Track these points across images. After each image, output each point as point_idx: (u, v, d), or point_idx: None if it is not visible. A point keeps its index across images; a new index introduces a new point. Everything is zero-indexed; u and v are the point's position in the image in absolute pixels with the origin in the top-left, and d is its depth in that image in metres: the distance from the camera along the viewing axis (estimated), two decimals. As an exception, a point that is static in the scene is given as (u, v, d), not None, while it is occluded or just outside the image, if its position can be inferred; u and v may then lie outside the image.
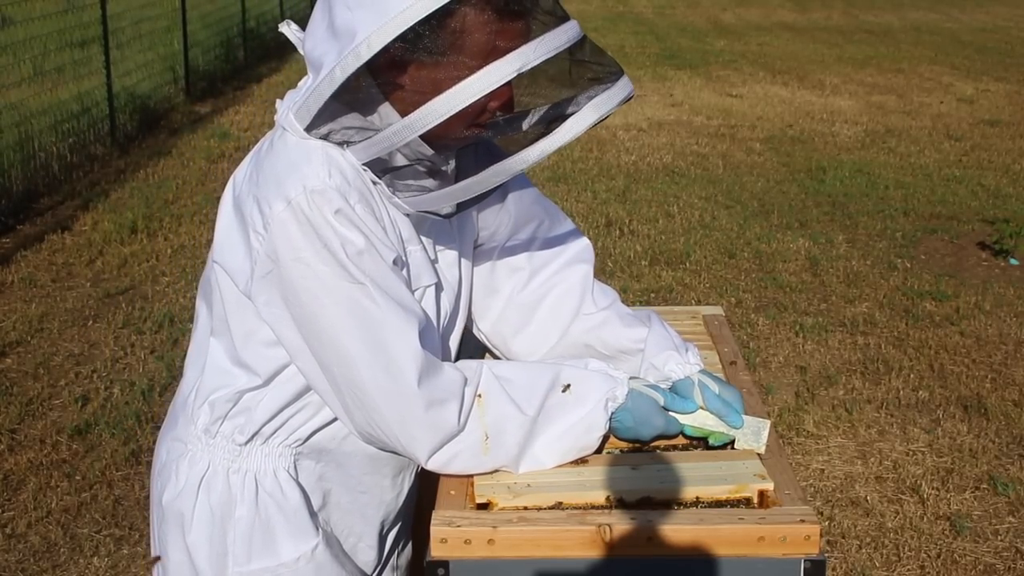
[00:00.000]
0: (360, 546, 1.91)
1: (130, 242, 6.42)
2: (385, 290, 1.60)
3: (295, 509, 1.79)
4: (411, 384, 1.60)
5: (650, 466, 1.71)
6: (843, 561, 3.55)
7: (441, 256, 1.81)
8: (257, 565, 1.79)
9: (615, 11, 18.99)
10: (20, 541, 3.60)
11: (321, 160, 1.59)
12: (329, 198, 1.56)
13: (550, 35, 1.49)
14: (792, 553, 1.56)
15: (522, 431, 1.68)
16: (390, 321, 1.59)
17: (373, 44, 1.46)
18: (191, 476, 1.79)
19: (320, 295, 1.59)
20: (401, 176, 1.62)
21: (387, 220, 1.66)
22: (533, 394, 1.70)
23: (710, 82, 12.20)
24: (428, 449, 1.65)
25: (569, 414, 1.71)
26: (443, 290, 1.80)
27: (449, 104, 1.47)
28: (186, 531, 1.80)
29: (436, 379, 1.63)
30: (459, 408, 1.64)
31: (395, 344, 1.60)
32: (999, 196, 7.81)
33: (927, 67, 13.46)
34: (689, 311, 2.38)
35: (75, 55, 9.30)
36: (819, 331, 5.34)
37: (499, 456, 1.68)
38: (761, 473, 1.68)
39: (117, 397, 4.52)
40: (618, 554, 1.56)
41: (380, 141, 1.55)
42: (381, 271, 1.60)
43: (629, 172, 8.27)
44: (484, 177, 1.55)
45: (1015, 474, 4.08)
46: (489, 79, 1.46)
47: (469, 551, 1.56)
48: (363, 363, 1.61)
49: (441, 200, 1.60)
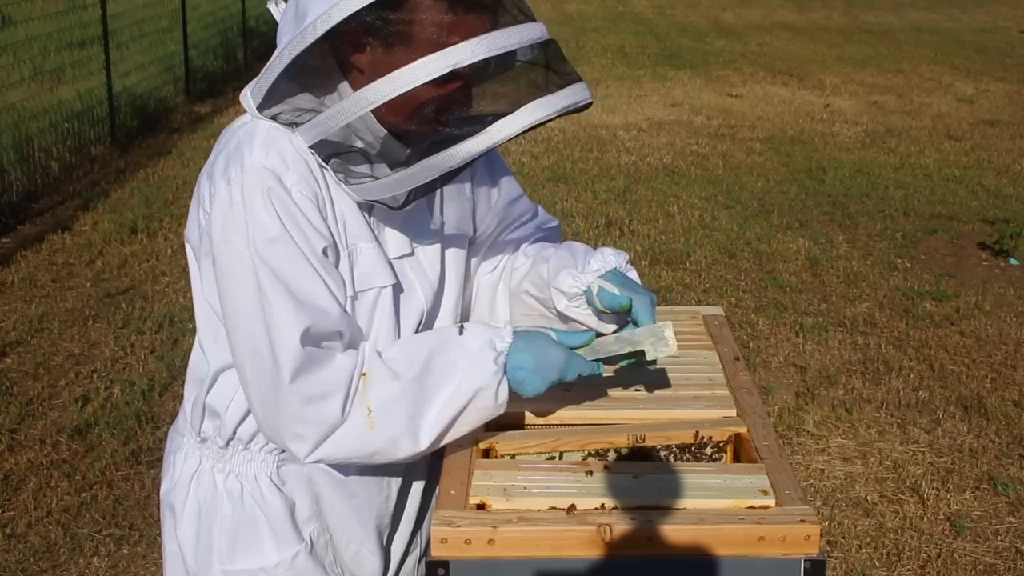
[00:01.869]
0: (363, 553, 1.89)
1: (130, 242, 6.42)
2: (285, 282, 1.58)
3: (276, 515, 1.79)
4: (284, 380, 1.58)
5: (651, 476, 1.70)
6: (843, 561, 3.55)
7: (421, 253, 1.79)
8: (240, 565, 1.79)
9: (615, 11, 18.99)
10: (20, 541, 3.60)
11: (263, 141, 1.60)
12: (261, 179, 1.57)
13: (497, 34, 1.49)
14: (792, 553, 1.56)
15: (407, 397, 1.62)
16: (275, 314, 1.58)
17: (319, 27, 1.49)
18: (184, 470, 1.82)
19: (232, 278, 1.60)
20: (350, 161, 1.61)
21: (331, 211, 1.65)
22: (414, 359, 1.65)
23: (710, 82, 12.20)
24: (307, 446, 1.62)
25: (455, 370, 1.64)
26: (404, 291, 1.76)
27: (379, 93, 1.49)
28: (177, 524, 1.83)
29: (317, 374, 1.59)
30: (344, 398, 1.61)
31: (274, 338, 1.58)
32: (999, 196, 7.81)
33: (927, 67, 13.46)
34: (689, 311, 2.38)
35: (75, 55, 9.31)
36: (819, 331, 5.34)
37: (388, 428, 1.62)
38: (764, 488, 1.65)
39: (117, 397, 4.52)
40: (618, 554, 1.56)
41: (320, 123, 1.56)
42: (289, 262, 1.58)
43: (629, 172, 8.27)
44: (416, 171, 1.54)
45: (1015, 474, 4.08)
46: (422, 71, 1.47)
47: (469, 551, 1.56)
48: (246, 354, 1.61)
49: (381, 190, 1.59)
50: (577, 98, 1.55)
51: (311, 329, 1.59)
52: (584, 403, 1.96)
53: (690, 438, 1.88)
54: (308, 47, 1.51)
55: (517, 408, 1.96)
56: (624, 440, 1.85)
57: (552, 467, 1.74)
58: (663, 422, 1.91)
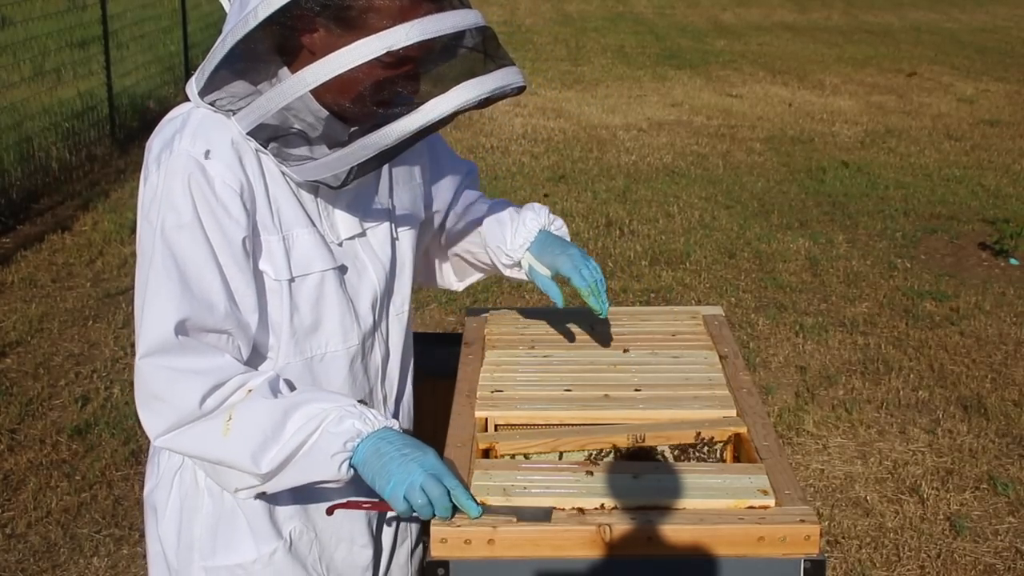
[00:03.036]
0: (355, 549, 1.90)
1: (130, 242, 6.42)
2: (181, 269, 1.62)
3: (255, 511, 1.80)
4: (139, 354, 1.64)
5: (651, 476, 1.70)
6: (843, 561, 3.55)
7: (372, 235, 1.84)
8: (220, 561, 1.81)
9: (615, 11, 18.99)
10: (20, 541, 3.60)
11: (194, 129, 1.64)
12: (184, 165, 1.61)
13: (431, 18, 1.53)
14: (792, 553, 1.56)
15: (269, 419, 1.62)
16: (157, 295, 1.62)
17: (259, 12, 1.55)
18: (167, 468, 1.84)
19: (141, 255, 1.67)
20: (289, 144, 1.64)
21: (264, 198, 1.68)
22: (297, 397, 1.65)
23: (710, 82, 12.20)
24: (159, 425, 1.65)
25: (314, 426, 1.62)
26: (357, 272, 1.81)
27: (316, 75, 1.54)
28: (159, 521, 1.84)
29: (186, 359, 1.62)
30: (206, 391, 1.62)
31: (146, 315, 1.63)
32: (999, 196, 7.81)
33: (927, 67, 13.46)
34: (689, 311, 2.38)
35: (75, 55, 9.31)
36: (819, 331, 5.34)
37: (237, 442, 1.61)
38: (764, 488, 1.66)
39: (117, 397, 4.52)
40: (618, 554, 1.56)
41: (259, 106, 1.59)
42: (192, 251, 1.62)
43: (629, 172, 8.27)
44: (353, 149, 1.58)
45: (1015, 474, 4.09)
46: (357, 53, 1.52)
47: (469, 551, 1.56)
48: (136, 326, 1.68)
49: (320, 169, 1.62)
50: (507, 81, 1.60)
51: (190, 320, 1.63)
52: (584, 403, 1.96)
53: (690, 438, 1.88)
54: (249, 32, 1.56)
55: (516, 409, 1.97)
56: (624, 440, 1.85)
57: (552, 467, 1.74)
58: (663, 422, 1.91)
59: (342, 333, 1.79)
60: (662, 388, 2.01)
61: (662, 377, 2.06)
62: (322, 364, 1.79)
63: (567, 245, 2.00)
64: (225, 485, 1.72)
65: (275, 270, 1.70)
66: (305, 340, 1.76)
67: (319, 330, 1.77)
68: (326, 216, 1.77)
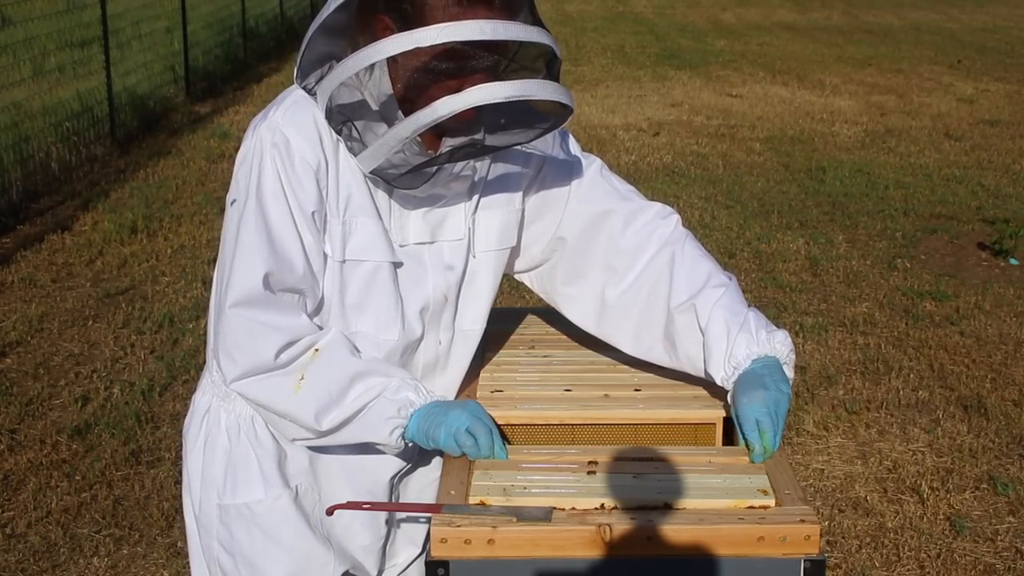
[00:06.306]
0: (354, 527, 1.95)
1: (130, 242, 6.42)
2: (268, 227, 1.73)
3: (267, 456, 1.88)
4: (225, 303, 1.73)
5: (651, 476, 1.70)
6: (843, 561, 3.55)
7: (446, 246, 1.87)
8: (231, 500, 1.89)
9: (615, 11, 18.99)
10: (20, 541, 3.60)
11: (288, 105, 1.76)
12: (272, 135, 1.73)
13: (516, 25, 1.62)
14: (792, 553, 1.56)
15: (336, 383, 1.75)
16: (247, 248, 1.73)
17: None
18: (199, 406, 1.95)
19: (232, 208, 1.78)
20: (355, 130, 1.70)
21: (335, 182, 1.76)
22: (364, 366, 1.78)
23: (710, 82, 12.20)
24: (236, 370, 1.75)
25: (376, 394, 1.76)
26: (414, 274, 1.85)
27: (396, 44, 1.59)
28: (187, 456, 1.96)
29: (268, 314, 1.73)
30: (281, 347, 1.73)
31: (235, 265, 1.74)
32: (999, 196, 7.81)
33: (927, 67, 13.46)
34: (689, 311, 2.37)
35: (75, 55, 9.30)
36: (819, 331, 5.34)
37: (305, 400, 1.74)
38: (764, 488, 1.66)
39: (117, 397, 4.52)
40: (618, 554, 1.56)
41: (333, 77, 1.66)
42: (277, 213, 1.74)
43: (629, 172, 8.26)
44: (394, 132, 1.65)
45: (1015, 474, 4.09)
46: (434, 34, 1.58)
47: (469, 551, 1.56)
48: (216, 277, 1.81)
49: (375, 155, 1.68)
50: (560, 96, 1.65)
51: (273, 275, 1.73)
52: (584, 403, 1.96)
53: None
54: (332, 12, 1.66)
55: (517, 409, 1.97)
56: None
57: (552, 467, 1.74)
58: (663, 422, 1.91)
59: (382, 324, 1.84)
60: (662, 388, 2.01)
61: (662, 377, 2.05)
62: (361, 344, 1.85)
63: (766, 398, 1.78)
64: (284, 433, 1.83)
65: (332, 250, 1.79)
66: (350, 315, 1.83)
67: (364, 312, 1.84)
68: (398, 217, 1.83)
